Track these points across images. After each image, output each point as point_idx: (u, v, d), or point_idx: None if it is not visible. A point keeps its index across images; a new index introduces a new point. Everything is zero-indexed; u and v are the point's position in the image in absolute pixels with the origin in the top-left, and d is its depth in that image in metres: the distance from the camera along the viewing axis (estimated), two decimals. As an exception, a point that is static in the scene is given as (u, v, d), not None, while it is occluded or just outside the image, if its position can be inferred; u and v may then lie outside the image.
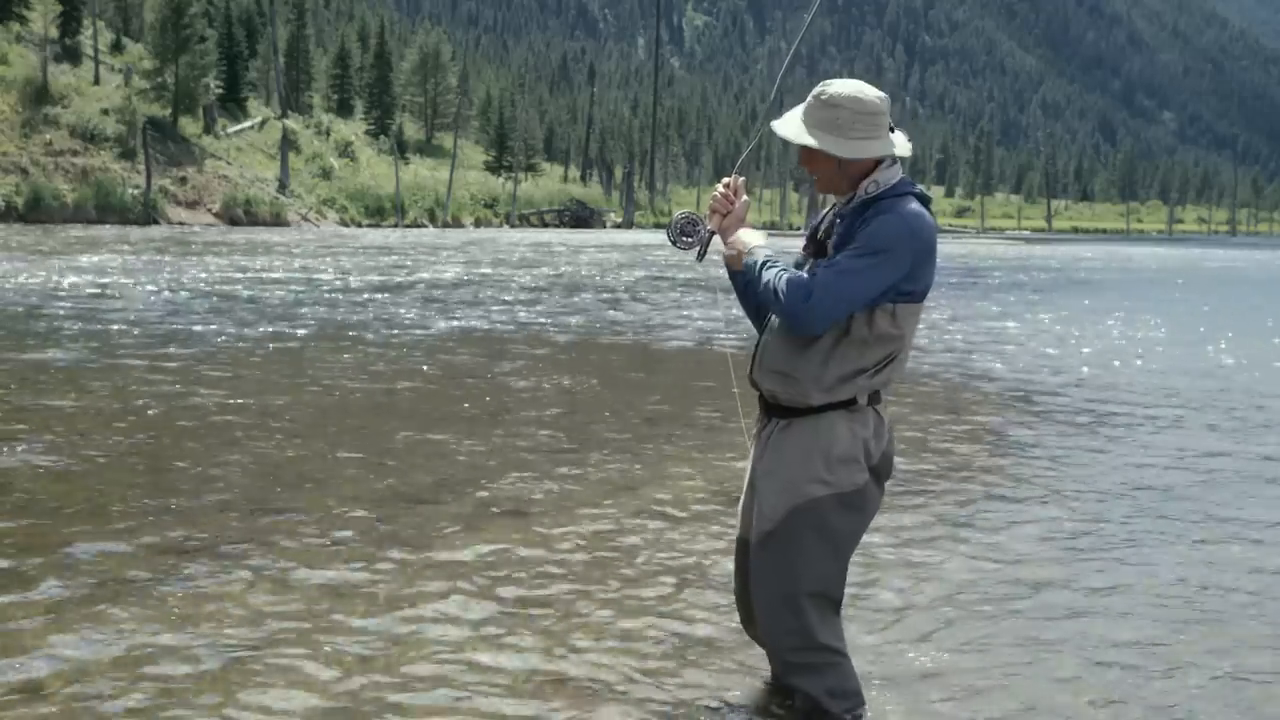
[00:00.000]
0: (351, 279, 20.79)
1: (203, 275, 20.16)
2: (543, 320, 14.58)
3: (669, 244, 3.36)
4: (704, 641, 3.90)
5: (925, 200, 3.11)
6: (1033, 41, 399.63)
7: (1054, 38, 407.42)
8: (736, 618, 3.57)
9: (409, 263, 27.27)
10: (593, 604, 4.23)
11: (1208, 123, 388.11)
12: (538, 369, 10.24)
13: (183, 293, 16.54)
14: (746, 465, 3.40)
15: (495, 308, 16.10)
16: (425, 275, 22.79)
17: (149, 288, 17.12)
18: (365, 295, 17.38)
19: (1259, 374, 11.61)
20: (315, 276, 21.23)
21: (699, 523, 5.34)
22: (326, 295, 17.14)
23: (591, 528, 5.18)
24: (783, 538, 3.11)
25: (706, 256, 3.33)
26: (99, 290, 16.34)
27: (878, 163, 3.09)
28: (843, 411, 3.08)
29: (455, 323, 13.92)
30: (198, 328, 12.31)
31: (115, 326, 12.14)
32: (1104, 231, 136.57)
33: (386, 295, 17.52)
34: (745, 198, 3.30)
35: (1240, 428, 8.41)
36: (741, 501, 3.39)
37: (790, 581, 3.12)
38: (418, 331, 12.79)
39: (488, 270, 25.28)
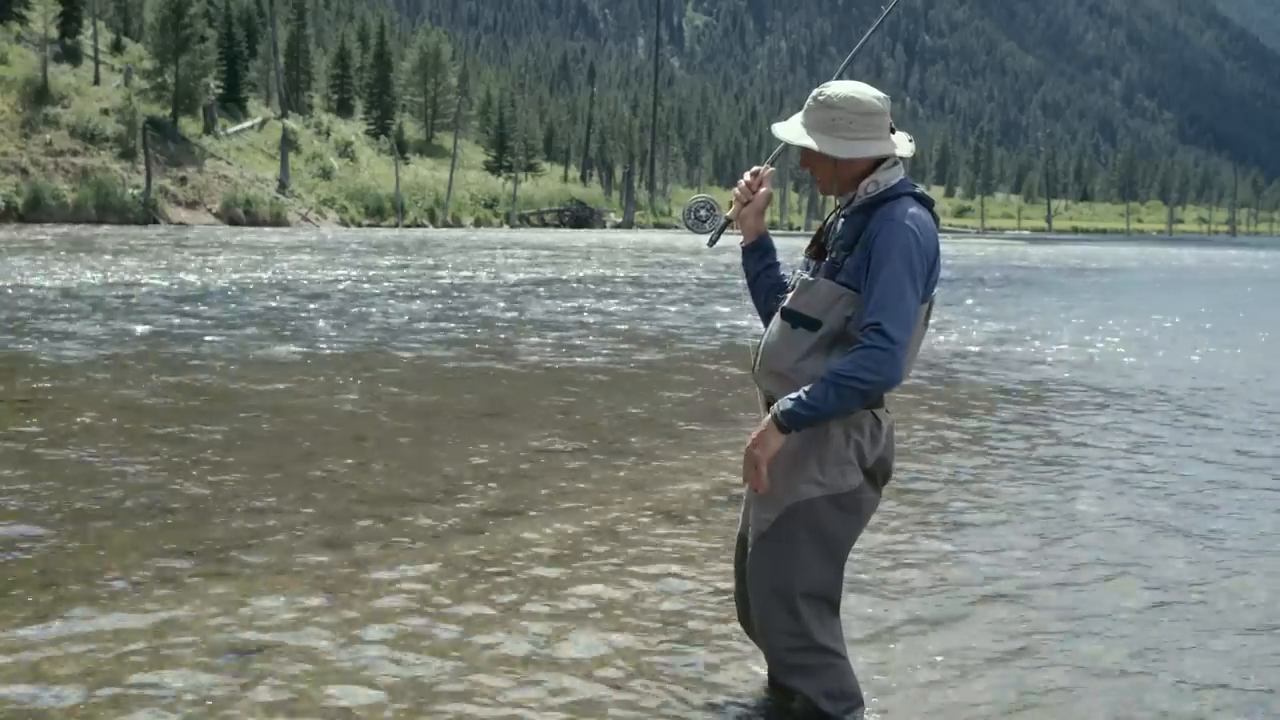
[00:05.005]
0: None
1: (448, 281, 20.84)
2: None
3: (685, 228, 3.44)
4: (703, 641, 3.91)
5: (926, 201, 3.09)
6: (1033, 41, 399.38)
7: (1054, 38, 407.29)
8: (736, 617, 3.57)
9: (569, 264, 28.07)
10: (591, 602, 4.23)
11: (1208, 123, 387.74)
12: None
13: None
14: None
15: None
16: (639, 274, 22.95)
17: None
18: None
19: (1263, 373, 11.66)
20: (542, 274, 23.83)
21: (702, 521, 5.35)
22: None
23: (594, 524, 5.20)
24: (777, 538, 3.12)
25: (719, 242, 3.40)
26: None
27: (878, 163, 3.08)
28: None
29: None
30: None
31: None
32: (1104, 231, 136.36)
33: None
34: (766, 189, 3.30)
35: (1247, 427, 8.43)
36: (744, 499, 3.40)
37: (785, 582, 3.12)
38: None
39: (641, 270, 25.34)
